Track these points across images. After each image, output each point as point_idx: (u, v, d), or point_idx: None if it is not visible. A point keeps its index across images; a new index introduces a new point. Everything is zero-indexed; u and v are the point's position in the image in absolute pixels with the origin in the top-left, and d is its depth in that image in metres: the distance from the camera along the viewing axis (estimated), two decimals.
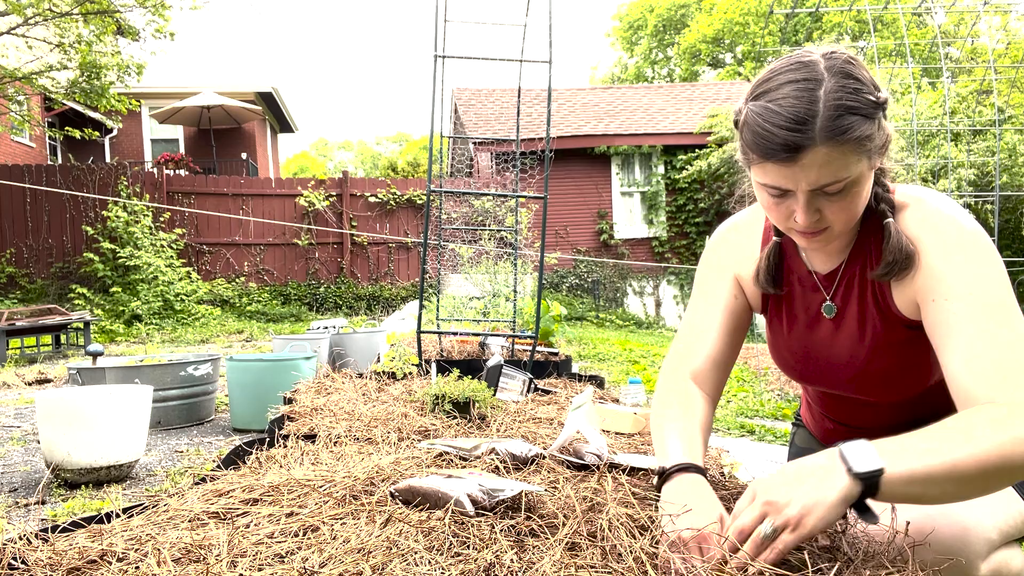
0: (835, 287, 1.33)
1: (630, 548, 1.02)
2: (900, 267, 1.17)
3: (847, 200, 1.14)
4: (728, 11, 28.75)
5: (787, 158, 1.08)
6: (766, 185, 1.15)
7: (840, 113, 1.06)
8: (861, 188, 1.14)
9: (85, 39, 10.62)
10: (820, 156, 1.07)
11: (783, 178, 1.12)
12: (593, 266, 13.32)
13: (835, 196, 1.13)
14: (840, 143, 1.07)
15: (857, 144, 1.08)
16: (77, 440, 2.76)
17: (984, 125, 10.81)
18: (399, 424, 2.02)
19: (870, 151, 1.11)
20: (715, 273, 1.44)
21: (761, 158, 1.12)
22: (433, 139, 3.45)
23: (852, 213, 1.17)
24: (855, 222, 1.21)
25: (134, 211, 11.17)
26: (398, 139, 50.43)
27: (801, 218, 1.14)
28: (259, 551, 1.04)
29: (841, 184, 1.11)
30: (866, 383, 1.34)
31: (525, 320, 4.72)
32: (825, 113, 1.06)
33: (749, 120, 1.13)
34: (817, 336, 1.37)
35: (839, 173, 1.09)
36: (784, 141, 1.07)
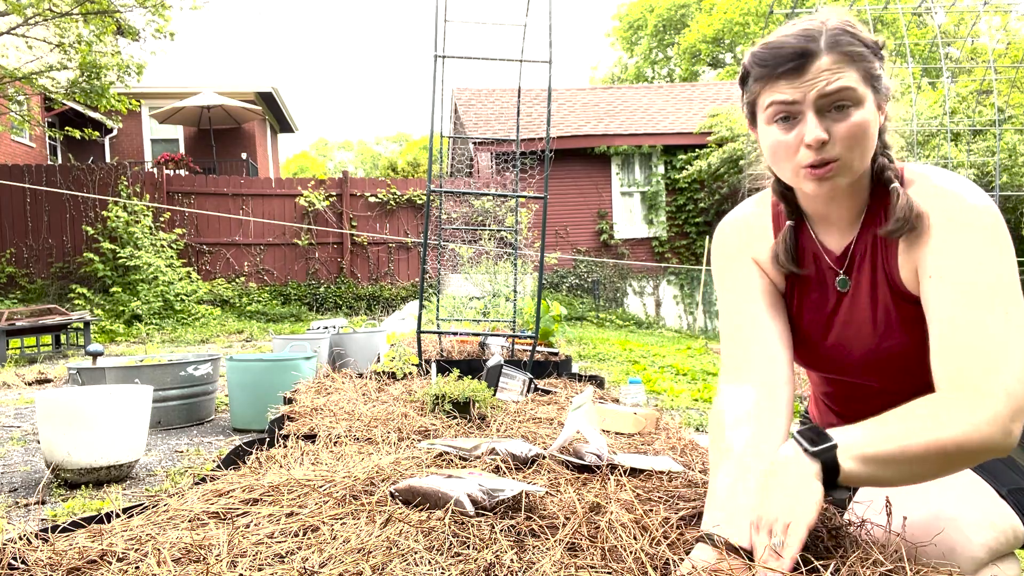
0: (847, 263, 1.32)
1: (631, 549, 1.02)
2: (910, 225, 1.17)
3: (854, 123, 1.15)
4: (728, 11, 28.74)
5: (797, 66, 1.15)
6: (776, 102, 1.18)
7: (841, 35, 1.16)
8: (868, 118, 1.16)
9: (85, 39, 10.62)
10: (827, 62, 1.14)
11: (793, 90, 1.16)
12: (593, 266, 13.32)
13: (841, 113, 1.15)
14: (843, 53, 1.14)
15: (860, 61, 1.15)
16: (77, 440, 2.76)
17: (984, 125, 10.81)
18: (399, 424, 2.02)
19: (874, 80, 1.17)
20: (736, 262, 1.39)
21: (771, 73, 1.17)
22: (433, 139, 3.46)
23: (860, 144, 1.17)
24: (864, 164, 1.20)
25: (134, 211, 11.17)
26: (398, 139, 50.43)
27: (810, 133, 1.15)
28: (259, 551, 1.04)
29: (847, 97, 1.15)
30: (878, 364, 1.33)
31: (525, 320, 4.72)
32: (828, 33, 1.16)
33: (756, 52, 1.20)
34: (831, 315, 1.36)
35: (845, 82, 1.14)
36: (793, 49, 1.15)
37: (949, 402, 1.05)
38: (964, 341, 1.09)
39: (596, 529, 1.12)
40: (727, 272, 1.40)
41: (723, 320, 1.39)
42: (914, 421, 1.03)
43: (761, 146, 1.27)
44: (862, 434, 1.03)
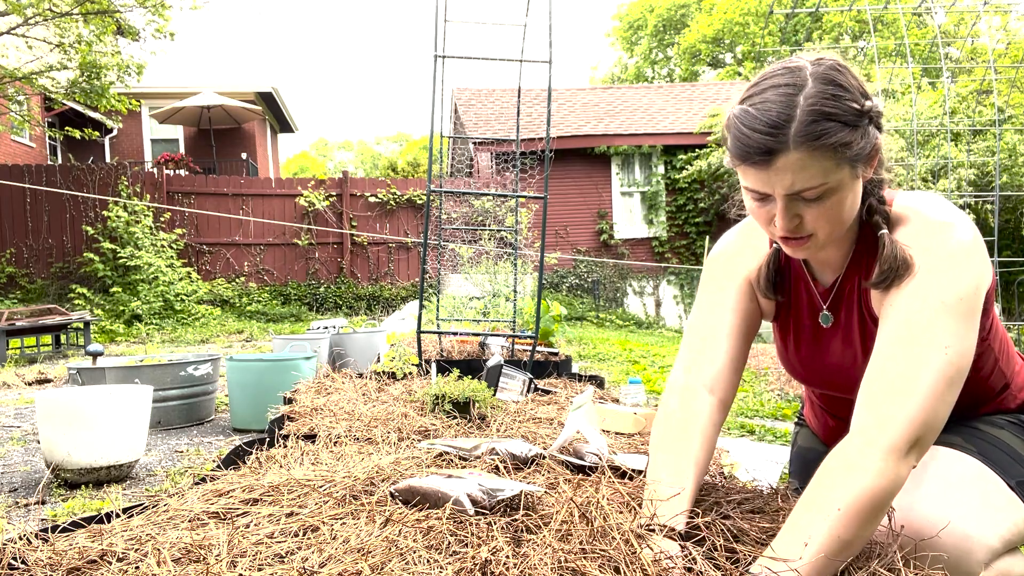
0: (832, 298, 1.34)
1: (620, 530, 1.03)
2: (896, 275, 1.17)
3: (827, 207, 1.13)
4: (728, 11, 28.73)
5: (761, 161, 1.10)
6: (747, 188, 1.18)
7: (815, 119, 1.07)
8: (843, 196, 1.14)
9: (85, 39, 10.61)
10: (793, 161, 1.08)
11: (760, 182, 1.13)
12: (593, 266, 13.32)
13: (814, 202, 1.13)
14: (814, 148, 1.07)
15: (833, 151, 1.08)
16: (77, 440, 2.76)
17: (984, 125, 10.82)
18: (399, 424, 2.03)
19: (851, 159, 1.11)
20: (726, 276, 1.42)
21: (739, 161, 1.14)
22: (433, 139, 3.46)
23: (835, 222, 1.16)
24: (842, 231, 1.20)
25: (134, 211, 11.17)
26: (398, 139, 50.42)
27: (779, 222, 1.15)
28: (259, 551, 1.04)
29: (818, 190, 1.11)
30: None
31: (525, 320, 4.73)
32: (801, 118, 1.07)
33: (731, 123, 1.15)
34: (821, 344, 1.38)
35: (814, 179, 1.10)
36: (758, 145, 1.09)
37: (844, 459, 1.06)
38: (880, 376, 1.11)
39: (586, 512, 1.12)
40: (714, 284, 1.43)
41: (692, 321, 1.43)
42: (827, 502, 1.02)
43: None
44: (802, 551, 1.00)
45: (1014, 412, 1.38)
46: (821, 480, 1.07)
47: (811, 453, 1.70)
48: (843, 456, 1.07)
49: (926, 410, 1.05)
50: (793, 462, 1.79)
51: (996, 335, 1.33)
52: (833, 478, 1.05)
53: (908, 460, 1.05)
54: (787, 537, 1.04)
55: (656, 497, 1.19)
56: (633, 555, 1.00)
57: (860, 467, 1.03)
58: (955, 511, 1.11)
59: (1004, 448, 1.28)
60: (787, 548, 1.02)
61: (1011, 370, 1.39)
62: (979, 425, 1.33)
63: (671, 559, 1.02)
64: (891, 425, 1.05)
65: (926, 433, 1.06)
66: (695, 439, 1.28)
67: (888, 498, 1.03)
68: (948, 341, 1.09)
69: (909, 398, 1.06)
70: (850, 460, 1.05)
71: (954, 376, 1.08)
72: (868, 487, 1.02)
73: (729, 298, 1.39)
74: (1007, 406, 1.38)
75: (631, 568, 0.97)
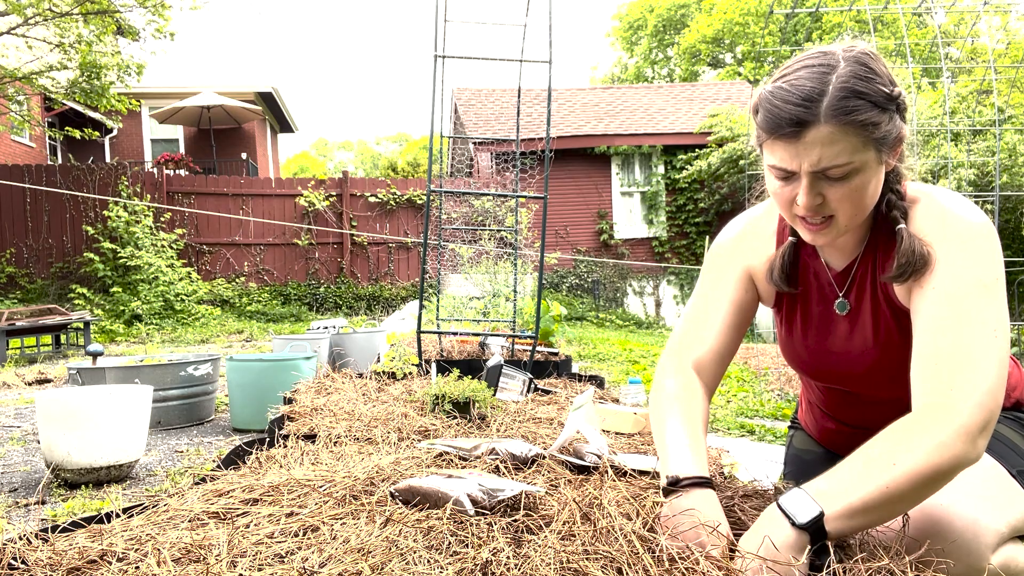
0: (848, 284, 1.34)
1: (623, 531, 1.02)
2: (914, 269, 1.18)
3: (851, 188, 1.14)
4: (728, 11, 28.73)
5: (792, 133, 1.11)
6: (773, 166, 1.17)
7: (847, 95, 1.09)
8: (867, 180, 1.15)
9: (85, 39, 10.61)
10: (823, 135, 1.09)
11: (788, 156, 1.13)
12: (593, 266, 13.32)
13: (838, 182, 1.14)
14: (844, 124, 1.09)
15: (862, 129, 1.10)
16: (77, 440, 2.76)
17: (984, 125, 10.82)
18: (399, 424, 2.02)
19: (878, 141, 1.12)
20: (726, 265, 1.44)
21: (769, 134, 1.14)
22: (433, 139, 3.46)
23: (857, 206, 1.17)
24: (862, 218, 1.21)
25: (135, 211, 11.17)
26: (398, 139, 50.42)
27: (802, 200, 1.15)
28: (259, 551, 1.04)
29: (844, 169, 1.12)
30: (879, 378, 1.35)
31: (525, 320, 4.72)
32: (833, 93, 1.09)
33: (762, 99, 1.16)
34: (832, 333, 1.38)
35: (842, 156, 1.11)
36: (790, 116, 1.10)
37: (915, 427, 1.05)
38: (939, 354, 1.11)
39: (589, 514, 1.12)
40: (714, 271, 1.44)
41: (689, 304, 1.46)
42: (887, 456, 1.02)
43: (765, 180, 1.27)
44: (842, 487, 1.02)
45: (1009, 409, 1.41)
46: (884, 439, 1.06)
47: (808, 455, 1.69)
48: (912, 425, 1.06)
49: (992, 394, 1.06)
50: (789, 464, 1.78)
51: None
52: (898, 440, 1.04)
53: (979, 443, 1.04)
54: (835, 472, 1.04)
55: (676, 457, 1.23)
56: (636, 556, 1.00)
57: (930, 437, 1.02)
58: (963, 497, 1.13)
59: (1004, 441, 1.31)
60: (831, 480, 1.03)
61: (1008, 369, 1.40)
62: None
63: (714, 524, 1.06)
64: (963, 409, 1.04)
65: (992, 418, 1.06)
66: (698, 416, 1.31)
67: (950, 474, 1.03)
68: (995, 324, 1.10)
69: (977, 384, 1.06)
70: (920, 430, 1.04)
71: (1004, 359, 1.10)
72: (933, 456, 1.01)
73: (725, 289, 1.42)
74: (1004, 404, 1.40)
75: (634, 569, 0.97)
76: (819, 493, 1.02)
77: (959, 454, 1.02)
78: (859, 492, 1.00)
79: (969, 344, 1.09)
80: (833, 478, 1.04)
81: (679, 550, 1.01)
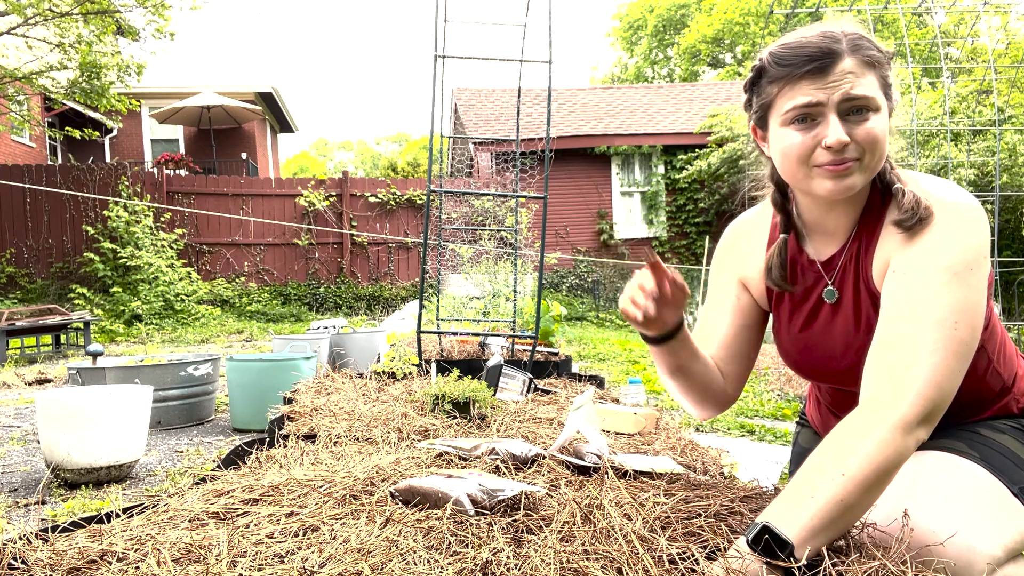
0: (835, 272, 1.34)
1: (623, 531, 1.02)
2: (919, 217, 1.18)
3: (874, 127, 1.17)
4: (728, 11, 28.73)
5: (819, 67, 1.14)
6: (796, 108, 1.17)
7: (863, 39, 1.18)
8: (884, 124, 1.19)
9: (85, 39, 10.61)
10: (851, 65, 1.15)
11: (816, 90, 1.15)
12: (593, 266, 13.32)
13: (860, 117, 1.16)
14: (865, 60, 1.16)
15: (879, 68, 1.18)
16: (77, 440, 2.76)
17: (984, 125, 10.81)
18: (399, 424, 2.02)
19: (885, 86, 1.19)
20: (721, 274, 1.50)
21: (793, 73, 1.16)
22: (433, 139, 3.46)
23: (879, 149, 1.18)
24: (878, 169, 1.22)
25: (135, 211, 11.17)
26: (398, 139, 50.42)
27: (834, 134, 1.15)
28: (259, 551, 1.04)
29: (869, 101, 1.16)
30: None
31: (525, 320, 4.72)
32: (849, 37, 1.17)
33: (775, 51, 1.20)
34: (817, 324, 1.39)
35: (868, 88, 1.15)
36: (818, 47, 1.15)
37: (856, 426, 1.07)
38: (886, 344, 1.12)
39: (590, 514, 1.12)
40: (713, 281, 1.52)
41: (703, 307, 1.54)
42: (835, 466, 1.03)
43: (771, 149, 1.27)
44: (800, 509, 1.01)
45: (1016, 416, 1.36)
46: (827, 447, 1.07)
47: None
48: (852, 426, 1.08)
49: (936, 386, 1.06)
50: (794, 462, 1.77)
51: (992, 334, 1.32)
52: (840, 445, 1.06)
53: (917, 434, 1.06)
54: (789, 495, 1.04)
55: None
56: (636, 556, 1.00)
57: (869, 437, 1.04)
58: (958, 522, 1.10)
59: (1007, 454, 1.26)
60: (788, 504, 1.03)
61: (1010, 372, 1.37)
62: (981, 430, 1.31)
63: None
64: (901, 401, 1.06)
65: (935, 409, 1.07)
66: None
67: (894, 469, 1.04)
68: (956, 315, 1.09)
69: (919, 374, 1.07)
70: (859, 430, 1.06)
71: (962, 350, 1.09)
72: (875, 456, 1.02)
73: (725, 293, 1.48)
74: (1009, 410, 1.36)
75: (634, 569, 0.97)
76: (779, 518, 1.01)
77: (899, 449, 1.04)
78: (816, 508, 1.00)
79: (918, 334, 1.09)
80: (789, 496, 1.04)
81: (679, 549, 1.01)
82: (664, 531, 1.11)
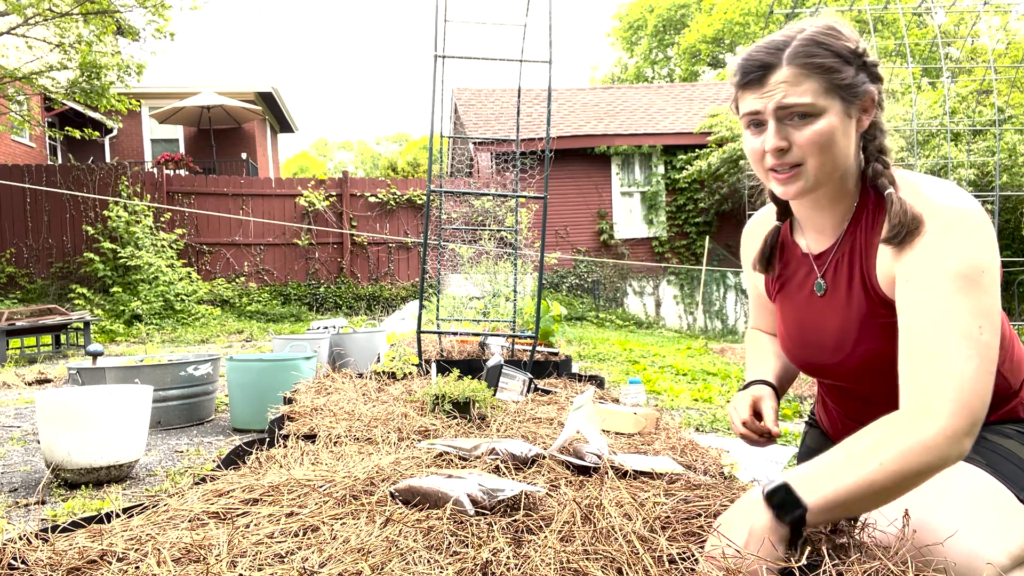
0: (826, 265, 1.35)
1: (623, 531, 1.02)
2: (908, 231, 1.17)
3: (815, 132, 1.18)
4: (728, 11, 28.73)
5: (758, 77, 1.20)
6: (746, 115, 1.25)
7: (809, 44, 1.18)
8: (833, 128, 1.19)
9: (85, 39, 10.61)
10: (786, 75, 1.18)
11: (756, 100, 1.21)
12: (593, 266, 13.32)
13: (802, 124, 1.19)
14: (806, 66, 1.17)
15: (825, 72, 1.17)
16: (77, 440, 2.76)
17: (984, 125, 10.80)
18: (399, 424, 2.02)
19: (841, 88, 1.18)
20: (745, 271, 1.63)
21: (740, 85, 1.23)
22: (433, 139, 3.45)
23: (824, 154, 1.20)
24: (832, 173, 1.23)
25: (135, 211, 11.17)
26: (398, 139, 50.42)
27: (769, 141, 1.20)
28: (259, 551, 1.04)
29: (806, 108, 1.18)
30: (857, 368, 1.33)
31: (525, 320, 4.72)
32: (797, 42, 1.19)
33: (737, 60, 1.26)
34: (809, 316, 1.39)
35: (804, 95, 1.17)
36: (756, 61, 1.21)
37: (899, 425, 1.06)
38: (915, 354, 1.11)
39: (590, 514, 1.12)
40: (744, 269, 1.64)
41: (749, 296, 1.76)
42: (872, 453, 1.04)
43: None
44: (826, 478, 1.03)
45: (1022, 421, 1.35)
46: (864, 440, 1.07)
47: (818, 455, 1.68)
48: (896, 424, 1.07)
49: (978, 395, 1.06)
50: (800, 462, 1.77)
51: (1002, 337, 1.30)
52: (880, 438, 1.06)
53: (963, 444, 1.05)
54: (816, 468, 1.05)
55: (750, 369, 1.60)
56: (636, 556, 1.00)
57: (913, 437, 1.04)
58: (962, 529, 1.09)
59: (1013, 459, 1.25)
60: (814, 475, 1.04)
61: (1017, 376, 1.34)
62: (987, 435, 1.30)
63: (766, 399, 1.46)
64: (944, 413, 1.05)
65: (979, 419, 1.06)
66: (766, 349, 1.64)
67: (929, 473, 1.04)
68: (978, 319, 1.09)
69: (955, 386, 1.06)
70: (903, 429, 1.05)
71: (992, 355, 1.09)
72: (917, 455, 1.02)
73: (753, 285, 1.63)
74: (1016, 415, 1.35)
75: (634, 569, 0.97)
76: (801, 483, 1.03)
77: (943, 455, 1.03)
78: (842, 484, 1.01)
79: (945, 344, 1.08)
80: (817, 468, 1.05)
81: (679, 549, 1.01)
82: (664, 531, 1.11)
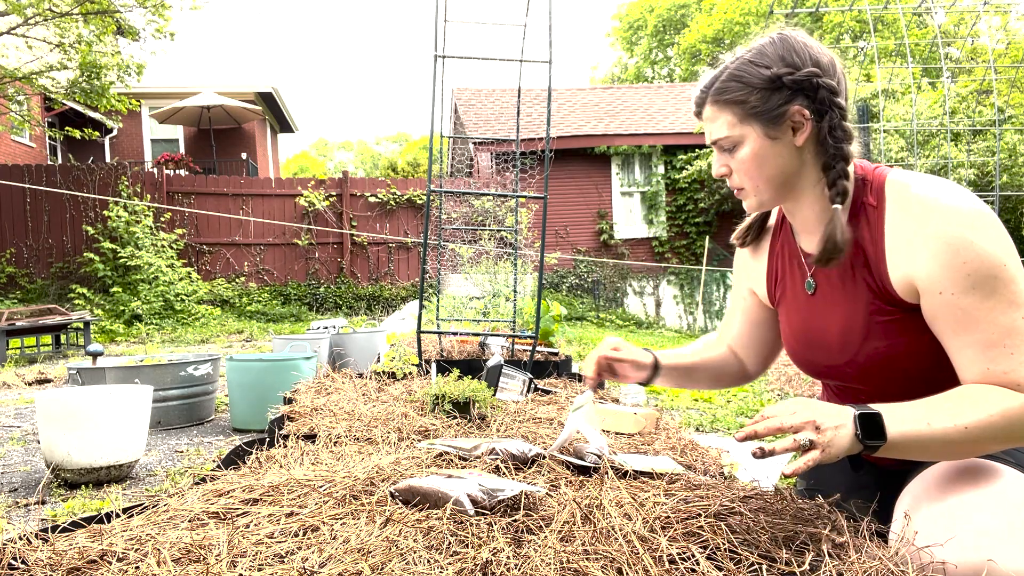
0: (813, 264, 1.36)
1: (623, 531, 1.02)
2: (831, 257, 1.24)
3: (741, 160, 1.28)
4: (728, 11, 28.73)
5: (697, 114, 1.35)
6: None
7: (726, 79, 1.28)
8: (755, 151, 1.26)
9: (85, 39, 10.61)
10: (709, 113, 1.31)
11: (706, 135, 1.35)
12: (593, 266, 13.32)
13: (729, 153, 1.30)
14: (717, 103, 1.28)
15: (737, 105, 1.26)
16: (77, 440, 2.76)
17: (984, 125, 10.80)
18: (399, 424, 2.02)
19: (755, 116, 1.24)
20: (736, 278, 1.64)
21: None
22: (433, 139, 3.45)
23: (754, 175, 1.29)
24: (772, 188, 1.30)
25: (135, 211, 11.17)
26: (398, 139, 50.43)
27: (714, 168, 1.35)
28: (259, 551, 1.04)
29: (727, 141, 1.29)
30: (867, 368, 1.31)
31: (525, 320, 4.72)
32: (718, 81, 1.29)
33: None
34: (810, 317, 1.39)
35: (721, 130, 1.29)
36: (696, 99, 1.34)
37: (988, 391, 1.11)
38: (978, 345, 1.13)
39: (590, 514, 1.12)
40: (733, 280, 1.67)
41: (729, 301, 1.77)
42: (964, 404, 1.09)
43: None
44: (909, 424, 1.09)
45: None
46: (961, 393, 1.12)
47: None
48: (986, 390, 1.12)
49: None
50: None
51: None
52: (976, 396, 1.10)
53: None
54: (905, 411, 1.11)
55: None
56: (636, 556, 1.00)
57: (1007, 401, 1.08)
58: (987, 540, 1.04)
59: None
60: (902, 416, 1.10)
61: None
62: None
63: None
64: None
65: None
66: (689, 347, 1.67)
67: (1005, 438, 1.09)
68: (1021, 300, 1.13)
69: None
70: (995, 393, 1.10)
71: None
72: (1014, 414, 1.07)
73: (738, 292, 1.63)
74: None
75: (634, 569, 0.97)
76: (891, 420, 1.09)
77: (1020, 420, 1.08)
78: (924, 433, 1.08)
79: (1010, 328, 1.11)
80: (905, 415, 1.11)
81: (679, 549, 1.01)
82: (664, 531, 1.11)
